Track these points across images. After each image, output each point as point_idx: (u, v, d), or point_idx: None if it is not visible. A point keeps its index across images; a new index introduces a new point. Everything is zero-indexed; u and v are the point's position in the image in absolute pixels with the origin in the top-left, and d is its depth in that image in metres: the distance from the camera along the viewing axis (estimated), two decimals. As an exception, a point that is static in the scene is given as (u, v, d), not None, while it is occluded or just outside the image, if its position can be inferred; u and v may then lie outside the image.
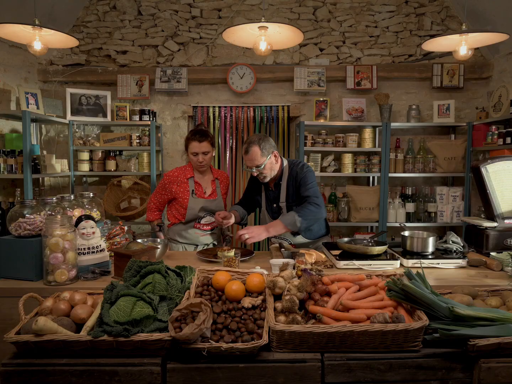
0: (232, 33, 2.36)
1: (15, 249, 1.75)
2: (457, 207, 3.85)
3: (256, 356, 1.23)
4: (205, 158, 2.49)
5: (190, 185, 2.54)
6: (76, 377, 1.20)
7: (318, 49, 4.06)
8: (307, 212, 2.17)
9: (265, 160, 2.25)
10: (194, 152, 2.47)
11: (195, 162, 2.50)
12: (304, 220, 2.15)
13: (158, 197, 2.62)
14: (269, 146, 2.28)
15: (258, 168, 2.27)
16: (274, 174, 2.34)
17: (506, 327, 1.24)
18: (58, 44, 2.62)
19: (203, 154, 2.47)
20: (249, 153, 2.26)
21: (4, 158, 3.27)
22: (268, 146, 2.27)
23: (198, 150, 2.46)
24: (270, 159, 2.28)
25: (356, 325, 1.24)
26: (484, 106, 3.83)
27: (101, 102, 3.97)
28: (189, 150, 2.51)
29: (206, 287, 1.47)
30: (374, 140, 3.93)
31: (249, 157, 2.27)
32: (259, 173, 2.30)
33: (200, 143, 2.45)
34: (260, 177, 2.33)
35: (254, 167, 2.27)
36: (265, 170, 2.28)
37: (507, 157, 2.20)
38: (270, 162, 2.28)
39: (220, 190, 2.63)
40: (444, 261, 1.98)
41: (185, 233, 2.56)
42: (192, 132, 2.51)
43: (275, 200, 2.41)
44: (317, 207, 2.20)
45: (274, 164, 2.32)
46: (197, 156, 2.48)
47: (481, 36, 2.42)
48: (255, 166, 2.27)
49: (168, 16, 4.02)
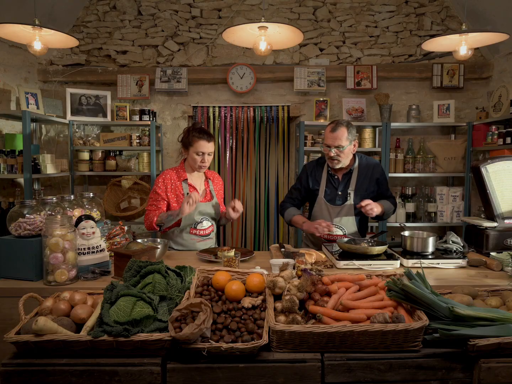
0: (232, 33, 2.36)
1: (15, 249, 1.75)
2: (457, 207, 3.85)
3: (256, 356, 1.23)
4: (209, 159, 2.39)
5: (184, 188, 2.41)
6: (76, 377, 1.20)
7: (318, 49, 4.06)
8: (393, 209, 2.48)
9: (348, 143, 2.32)
10: (201, 151, 2.34)
11: (197, 162, 2.37)
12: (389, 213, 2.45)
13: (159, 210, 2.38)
14: (354, 133, 2.36)
15: (338, 149, 2.31)
16: (346, 163, 2.41)
17: (506, 327, 1.24)
18: (58, 44, 2.62)
19: (208, 155, 2.38)
20: (337, 131, 2.30)
21: (4, 158, 3.27)
22: (354, 133, 2.36)
23: (205, 150, 2.35)
24: (351, 146, 2.35)
25: (356, 325, 1.24)
26: (484, 106, 3.83)
27: (101, 102, 3.97)
28: (192, 149, 2.35)
29: (206, 287, 1.47)
30: (374, 140, 3.93)
31: (335, 135, 2.30)
32: (336, 155, 2.32)
33: (208, 143, 2.35)
34: (335, 160, 2.35)
35: (335, 147, 2.30)
36: (343, 153, 2.33)
37: (507, 157, 2.20)
38: (350, 148, 2.35)
39: (214, 192, 2.52)
40: (444, 261, 1.98)
41: (180, 240, 2.42)
42: (198, 130, 2.37)
43: (342, 187, 2.44)
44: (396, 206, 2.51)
45: (350, 152, 2.39)
46: (202, 156, 2.36)
47: (481, 36, 2.42)
48: (336, 146, 2.30)
49: (168, 16, 4.02)
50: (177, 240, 2.43)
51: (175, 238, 2.43)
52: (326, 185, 2.46)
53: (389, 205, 2.42)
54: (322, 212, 2.44)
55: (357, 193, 2.41)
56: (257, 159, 4.19)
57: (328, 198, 2.45)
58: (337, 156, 2.32)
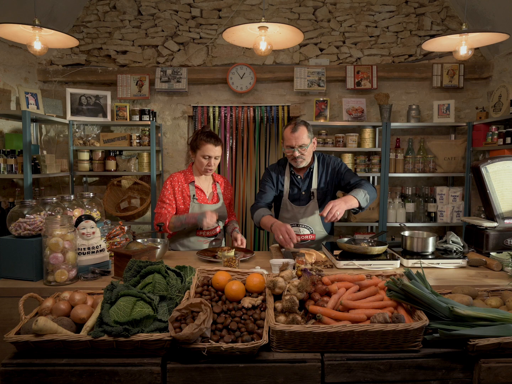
0: (232, 33, 2.36)
1: (15, 249, 1.75)
2: (457, 207, 3.85)
3: (256, 356, 1.23)
4: (216, 162, 2.42)
5: (191, 190, 2.45)
6: (76, 377, 1.20)
7: (318, 49, 4.06)
8: (371, 191, 2.30)
9: (309, 142, 2.34)
10: (207, 155, 2.37)
11: (204, 165, 2.40)
12: (371, 198, 2.29)
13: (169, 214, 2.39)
14: (312, 131, 2.40)
15: (301, 148, 2.32)
16: (309, 161, 2.42)
17: (506, 327, 1.24)
18: (58, 44, 2.62)
19: (214, 159, 2.40)
20: (298, 131, 2.31)
21: (4, 158, 3.27)
22: (312, 131, 2.40)
23: (212, 154, 2.37)
24: (312, 143, 2.38)
25: (356, 325, 1.24)
26: (484, 106, 3.83)
27: (101, 102, 3.97)
28: (200, 152, 2.38)
29: (206, 287, 1.47)
30: (374, 140, 3.93)
31: (296, 135, 2.31)
32: (300, 154, 2.33)
33: (215, 147, 2.37)
34: (299, 159, 2.35)
35: (298, 146, 2.32)
36: (307, 152, 2.35)
37: (507, 157, 2.20)
38: (311, 146, 2.38)
39: (221, 195, 2.55)
40: (444, 261, 1.98)
41: (187, 242, 2.45)
42: (206, 134, 2.39)
43: (305, 187, 2.44)
44: (374, 188, 2.34)
45: (312, 150, 2.42)
46: (208, 160, 2.38)
47: (481, 36, 2.42)
48: (299, 145, 2.31)
49: (168, 16, 4.02)
50: (184, 242, 2.46)
51: (181, 240, 2.46)
52: (290, 186, 2.48)
53: (363, 192, 2.24)
54: (288, 213, 2.45)
55: (319, 191, 2.43)
56: (257, 159, 4.19)
57: (292, 198, 2.46)
58: (302, 155, 2.34)
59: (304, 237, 2.43)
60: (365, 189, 2.25)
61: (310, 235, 2.43)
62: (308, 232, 2.44)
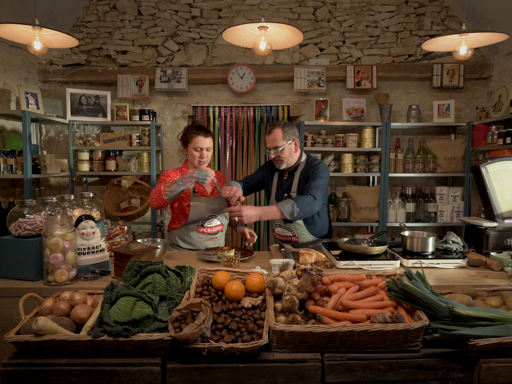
0: (232, 33, 2.36)
1: (15, 249, 1.75)
2: (457, 207, 3.85)
3: (256, 356, 1.23)
4: (208, 154, 2.44)
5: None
6: (76, 377, 1.20)
7: (318, 49, 4.06)
8: (304, 203, 2.18)
9: (285, 144, 2.32)
10: (198, 147, 2.38)
11: (196, 158, 2.41)
12: (301, 210, 2.17)
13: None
14: (292, 132, 2.36)
15: (276, 150, 2.33)
16: (291, 163, 2.40)
17: (506, 327, 1.24)
18: (58, 44, 2.62)
19: (206, 150, 2.42)
20: (272, 134, 2.34)
21: (4, 158, 3.27)
22: (291, 132, 2.35)
23: (203, 145, 2.38)
24: (290, 145, 2.35)
25: (356, 325, 1.24)
26: (484, 106, 3.83)
27: (101, 102, 3.97)
28: (191, 145, 2.40)
29: (206, 287, 1.47)
30: (374, 140, 3.93)
31: (270, 137, 2.34)
32: (276, 156, 2.34)
33: (205, 138, 2.39)
34: (277, 160, 2.37)
35: (273, 148, 2.33)
36: (283, 154, 2.34)
37: (507, 157, 2.20)
38: (289, 148, 2.35)
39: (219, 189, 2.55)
40: (444, 261, 1.98)
41: (188, 238, 2.43)
42: (195, 127, 2.41)
43: (287, 189, 2.43)
44: (313, 200, 2.20)
45: (292, 152, 2.38)
46: (200, 152, 2.40)
47: (481, 36, 2.42)
48: (274, 147, 2.33)
49: (168, 16, 4.02)
50: (185, 238, 2.45)
51: (183, 236, 2.45)
52: (277, 186, 2.50)
53: (291, 205, 2.14)
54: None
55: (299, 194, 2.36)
56: (257, 159, 4.19)
57: (278, 198, 2.47)
58: (278, 157, 2.35)
59: (287, 238, 2.46)
60: (297, 202, 2.16)
61: (293, 237, 2.44)
62: (290, 234, 2.45)
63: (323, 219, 2.46)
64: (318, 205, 2.26)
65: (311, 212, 2.25)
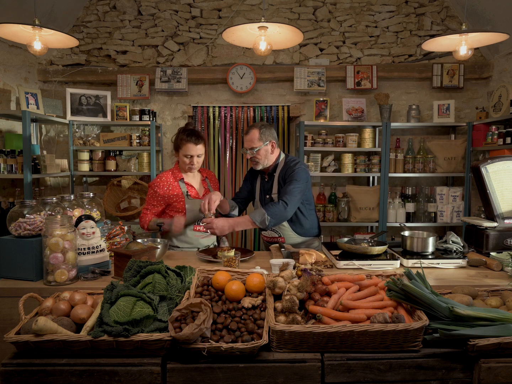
0: (232, 33, 2.36)
1: (15, 249, 1.75)
2: (457, 207, 3.85)
3: (256, 356, 1.23)
4: (199, 161, 2.42)
5: (182, 187, 2.44)
6: (76, 377, 1.20)
7: (318, 49, 4.06)
8: (276, 211, 2.18)
9: (261, 145, 2.32)
10: (189, 154, 2.37)
11: (186, 164, 2.41)
12: (273, 218, 2.17)
13: (154, 210, 2.43)
14: (269, 134, 2.35)
15: (252, 151, 2.33)
16: (267, 164, 2.39)
17: (506, 327, 1.24)
18: (58, 44, 2.62)
19: (197, 157, 2.40)
20: (249, 134, 2.34)
21: (4, 158, 3.27)
22: (268, 133, 2.34)
23: (194, 152, 2.37)
24: (266, 147, 2.34)
25: (356, 325, 1.24)
26: (484, 106, 3.83)
27: (101, 102, 3.97)
28: (182, 152, 2.39)
29: (206, 287, 1.47)
30: (374, 140, 3.93)
31: (247, 138, 2.35)
32: (252, 156, 2.35)
33: (196, 146, 2.36)
34: (253, 161, 2.38)
35: (249, 149, 2.34)
36: (259, 155, 2.33)
37: (507, 157, 2.20)
38: (265, 149, 2.34)
39: (212, 189, 2.57)
40: (444, 261, 1.98)
41: (184, 237, 2.45)
42: (187, 133, 2.38)
43: (268, 191, 2.44)
44: (285, 207, 2.19)
45: (269, 153, 2.37)
46: (190, 159, 2.39)
47: (481, 36, 2.42)
48: (250, 147, 2.33)
49: (168, 16, 4.02)
50: (181, 237, 2.47)
51: (178, 236, 2.47)
52: (259, 188, 2.50)
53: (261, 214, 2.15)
54: None
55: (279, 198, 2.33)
56: (257, 159, 4.19)
57: (262, 200, 2.48)
58: (254, 157, 2.35)
59: (273, 239, 2.48)
60: (268, 211, 2.16)
61: (279, 238, 2.45)
62: (276, 236, 2.46)
63: (310, 218, 2.45)
64: (291, 210, 2.24)
65: (284, 218, 2.25)
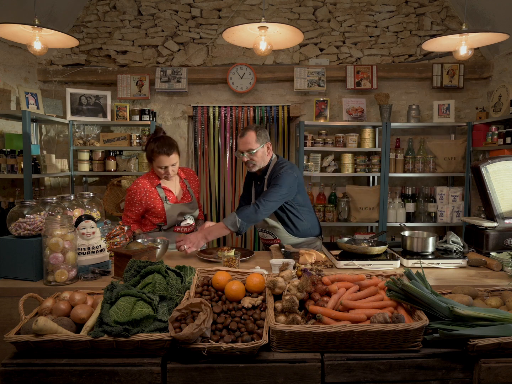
0: (232, 33, 2.36)
1: (15, 249, 1.75)
2: (457, 207, 3.85)
3: (256, 356, 1.23)
4: (174, 169, 2.36)
5: (160, 193, 2.39)
6: (76, 377, 1.20)
7: (318, 49, 4.06)
8: (246, 213, 2.18)
9: (258, 146, 2.31)
10: (163, 165, 2.32)
11: (162, 174, 2.37)
12: (244, 220, 2.17)
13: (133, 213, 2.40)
14: (265, 136, 2.35)
15: (249, 153, 2.31)
16: (263, 165, 2.38)
17: (506, 327, 1.24)
18: (58, 44, 2.62)
19: (172, 166, 2.34)
20: (245, 136, 2.31)
21: (4, 158, 3.27)
22: (263, 135, 2.34)
23: (167, 163, 2.31)
24: (263, 148, 2.34)
25: (356, 325, 1.24)
26: (484, 106, 3.83)
27: (101, 102, 3.97)
28: (155, 163, 2.34)
29: (206, 287, 1.47)
30: (374, 140, 3.93)
31: (243, 140, 2.32)
32: (249, 159, 2.34)
33: (169, 156, 2.30)
34: (250, 164, 2.36)
35: (246, 151, 2.31)
36: (256, 157, 2.32)
37: (507, 157, 2.20)
38: (262, 151, 2.34)
39: (191, 191, 2.52)
40: (444, 261, 1.98)
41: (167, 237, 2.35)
42: (157, 144, 2.31)
43: (259, 193, 2.43)
44: (256, 209, 2.18)
45: (265, 155, 2.36)
46: (165, 169, 2.34)
47: (481, 36, 2.42)
48: (247, 150, 2.31)
49: (168, 16, 4.02)
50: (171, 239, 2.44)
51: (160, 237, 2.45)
52: (254, 192, 2.50)
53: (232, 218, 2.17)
54: None
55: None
56: (257, 159, 4.19)
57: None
58: (251, 160, 2.34)
59: (269, 241, 2.48)
60: (239, 214, 2.17)
61: (275, 240, 2.45)
62: (271, 238, 2.46)
63: (305, 219, 2.42)
64: (264, 213, 2.22)
65: (256, 220, 2.23)
